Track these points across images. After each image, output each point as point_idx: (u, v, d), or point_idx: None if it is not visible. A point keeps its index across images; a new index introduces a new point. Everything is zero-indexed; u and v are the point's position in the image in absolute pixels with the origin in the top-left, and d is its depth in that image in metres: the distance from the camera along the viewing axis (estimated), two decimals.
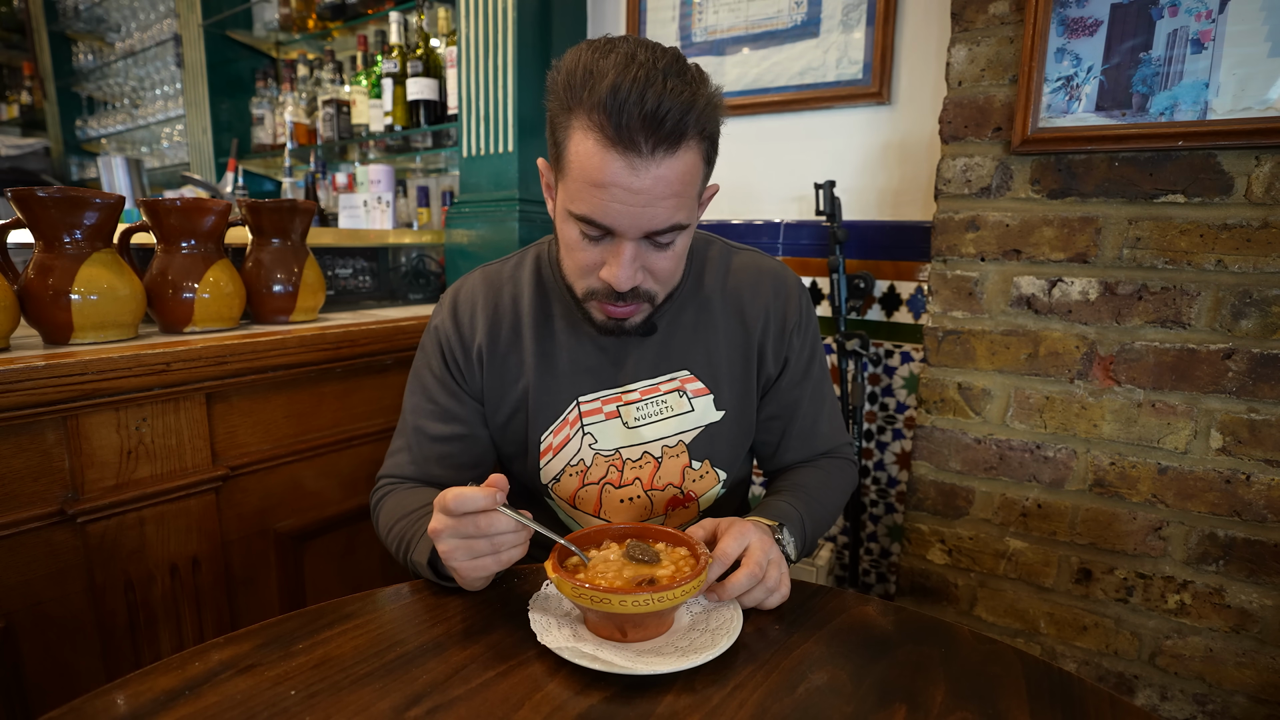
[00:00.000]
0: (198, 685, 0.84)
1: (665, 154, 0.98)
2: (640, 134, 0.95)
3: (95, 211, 1.40)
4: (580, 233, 1.07)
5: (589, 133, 0.98)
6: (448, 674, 0.87)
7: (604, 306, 1.13)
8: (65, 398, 1.25)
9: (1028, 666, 0.91)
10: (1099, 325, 1.71)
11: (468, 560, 0.95)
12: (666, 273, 1.12)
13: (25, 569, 1.27)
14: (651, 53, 0.98)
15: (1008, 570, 1.90)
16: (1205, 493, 1.65)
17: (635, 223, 1.02)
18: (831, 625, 1.00)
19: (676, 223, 1.04)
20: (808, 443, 1.37)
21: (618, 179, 0.98)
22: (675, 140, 0.98)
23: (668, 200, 1.01)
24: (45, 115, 4.74)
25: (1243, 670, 1.66)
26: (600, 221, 1.02)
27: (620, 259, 1.05)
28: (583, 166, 1.00)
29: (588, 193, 1.01)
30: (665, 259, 1.10)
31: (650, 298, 1.14)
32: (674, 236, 1.07)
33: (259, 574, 1.64)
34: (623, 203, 1.00)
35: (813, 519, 1.22)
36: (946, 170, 1.86)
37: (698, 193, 1.09)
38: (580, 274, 1.13)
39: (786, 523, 1.15)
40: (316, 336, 1.65)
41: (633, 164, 0.97)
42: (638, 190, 0.99)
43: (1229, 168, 1.56)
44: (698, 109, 0.98)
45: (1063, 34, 1.66)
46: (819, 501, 1.27)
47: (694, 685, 0.85)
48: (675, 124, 0.96)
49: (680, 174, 1.01)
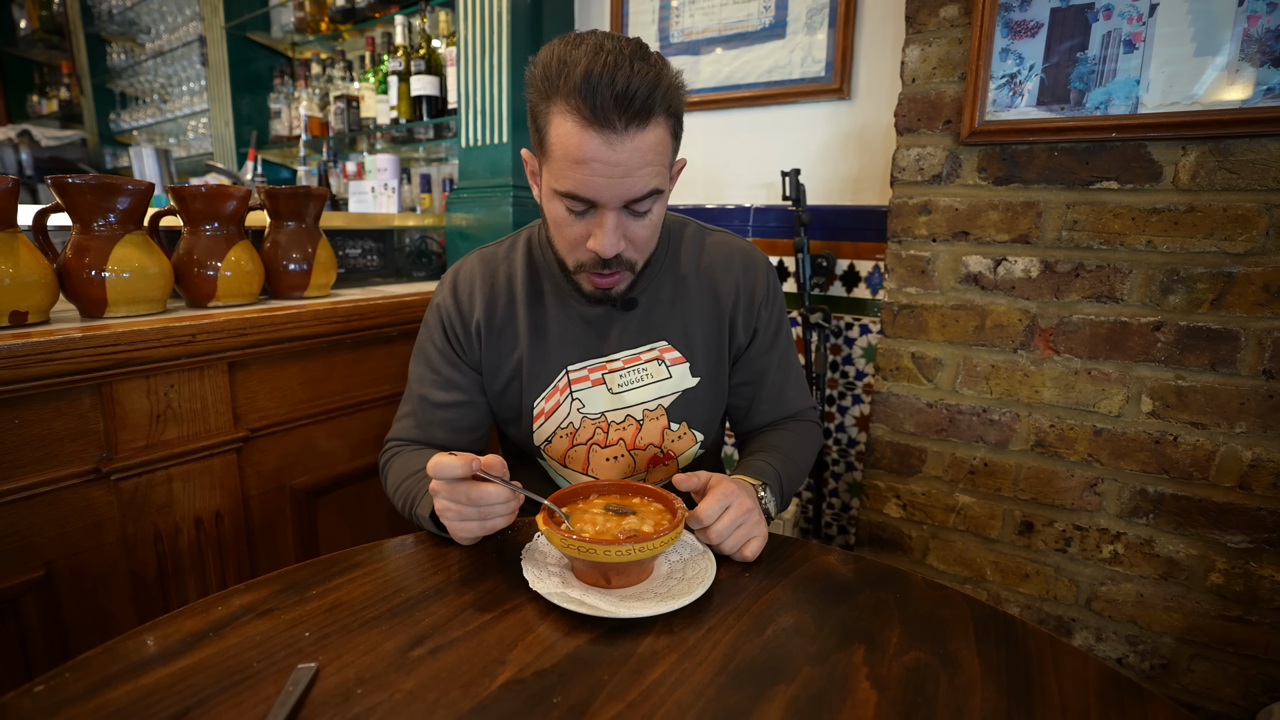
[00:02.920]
0: (221, 627, 0.83)
1: (637, 129, 0.99)
2: (614, 112, 0.96)
3: (127, 197, 1.39)
4: (566, 209, 1.07)
5: (567, 115, 0.99)
6: (448, 617, 0.86)
7: (591, 278, 1.13)
8: (100, 366, 1.24)
9: (975, 610, 0.91)
10: (1040, 300, 1.71)
11: (456, 521, 0.97)
12: (644, 240, 1.12)
13: (64, 522, 1.26)
14: (617, 42, 0.99)
15: (957, 523, 1.90)
16: (1137, 452, 1.65)
17: (615, 193, 1.02)
18: (797, 573, 1.00)
19: (653, 189, 1.05)
20: (776, 406, 1.38)
21: (597, 154, 0.99)
22: (645, 116, 0.99)
23: (643, 170, 1.02)
24: (82, 110, 4.68)
25: (1170, 614, 1.67)
26: (583, 195, 1.03)
27: (604, 228, 1.06)
28: (564, 146, 1.00)
29: (570, 170, 1.01)
30: (643, 227, 1.10)
31: (631, 265, 1.14)
32: (651, 204, 1.08)
33: (276, 526, 1.63)
34: (603, 176, 1.00)
35: (788, 477, 1.24)
36: (901, 159, 1.84)
37: (669, 163, 1.10)
38: (570, 248, 1.12)
39: (768, 481, 1.16)
40: (329, 310, 1.63)
41: (609, 140, 0.98)
42: (615, 163, 0.99)
43: (1158, 157, 1.55)
44: (662, 87, 0.99)
45: (1007, 35, 1.65)
46: (792, 461, 1.27)
47: (672, 628, 0.85)
48: (644, 101, 0.97)
49: (652, 145, 1.01)
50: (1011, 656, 0.82)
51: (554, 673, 0.76)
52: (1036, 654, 0.82)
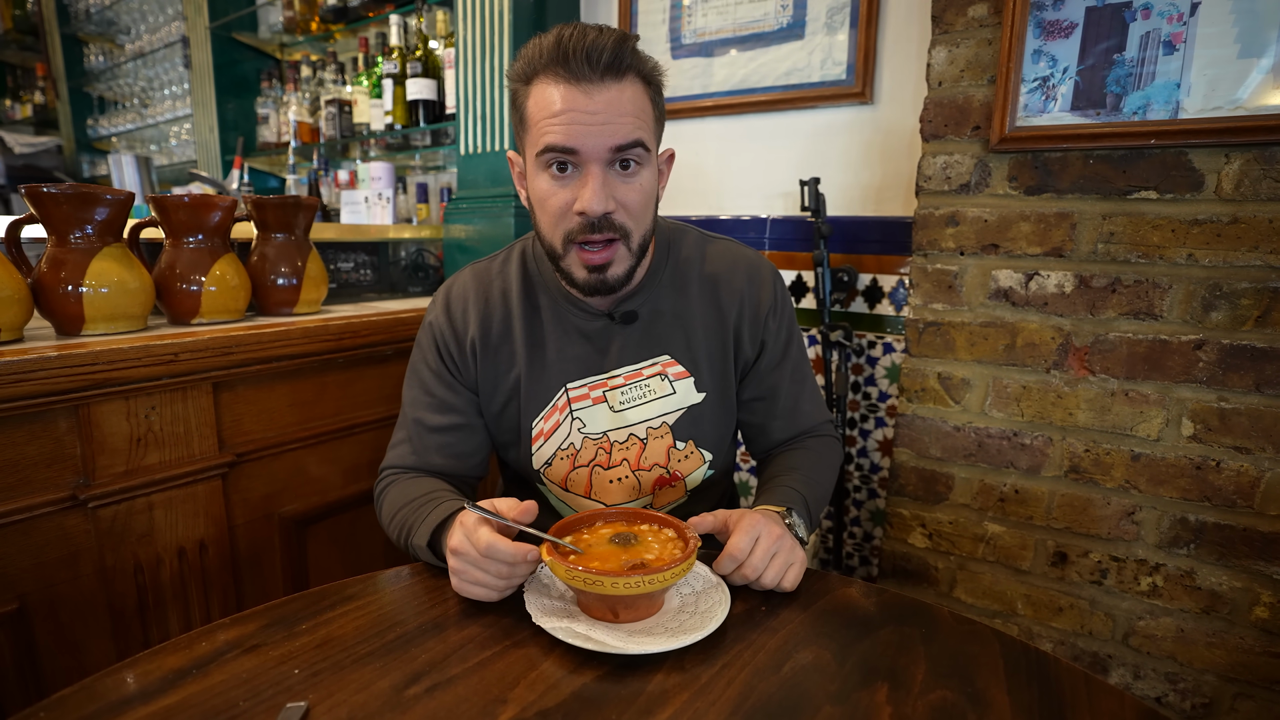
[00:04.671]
0: (205, 664, 0.84)
1: (613, 80, 1.06)
2: (585, 65, 1.04)
3: (106, 207, 1.40)
4: (550, 177, 1.10)
5: (545, 82, 1.07)
6: (446, 653, 0.87)
7: (582, 254, 1.14)
8: (77, 387, 1.25)
9: (1005, 646, 0.91)
10: (1074, 317, 1.71)
11: (473, 585, 0.98)
12: (636, 205, 1.13)
13: (39, 552, 1.26)
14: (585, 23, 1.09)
15: (986, 554, 1.90)
16: (1177, 479, 1.65)
17: (598, 140, 1.06)
18: (816, 606, 1.00)
19: (637, 138, 1.08)
20: (792, 421, 1.39)
21: (575, 103, 1.05)
22: (618, 70, 1.06)
23: (625, 119, 1.07)
24: (58, 114, 4.72)
25: (1213, 650, 1.66)
26: (564, 144, 1.06)
27: (590, 184, 1.08)
28: (543, 106, 1.08)
29: (550, 125, 1.07)
30: (632, 190, 1.12)
31: (624, 232, 1.14)
32: (637, 163, 1.11)
33: (264, 557, 1.63)
34: (582, 123, 1.05)
35: (814, 498, 1.25)
36: (927, 167, 1.85)
37: (652, 126, 1.14)
38: (556, 220, 1.13)
39: (794, 506, 1.17)
40: (319, 328, 1.64)
41: (585, 89, 1.05)
42: (594, 110, 1.05)
43: (1200, 165, 1.55)
44: (631, 45, 1.07)
45: (1039, 36, 1.65)
46: (815, 480, 1.28)
47: (684, 664, 0.85)
48: (615, 55, 1.05)
49: (630, 99, 1.08)
50: (1044, 695, 0.82)
51: (558, 712, 0.77)
52: (1070, 693, 0.82)
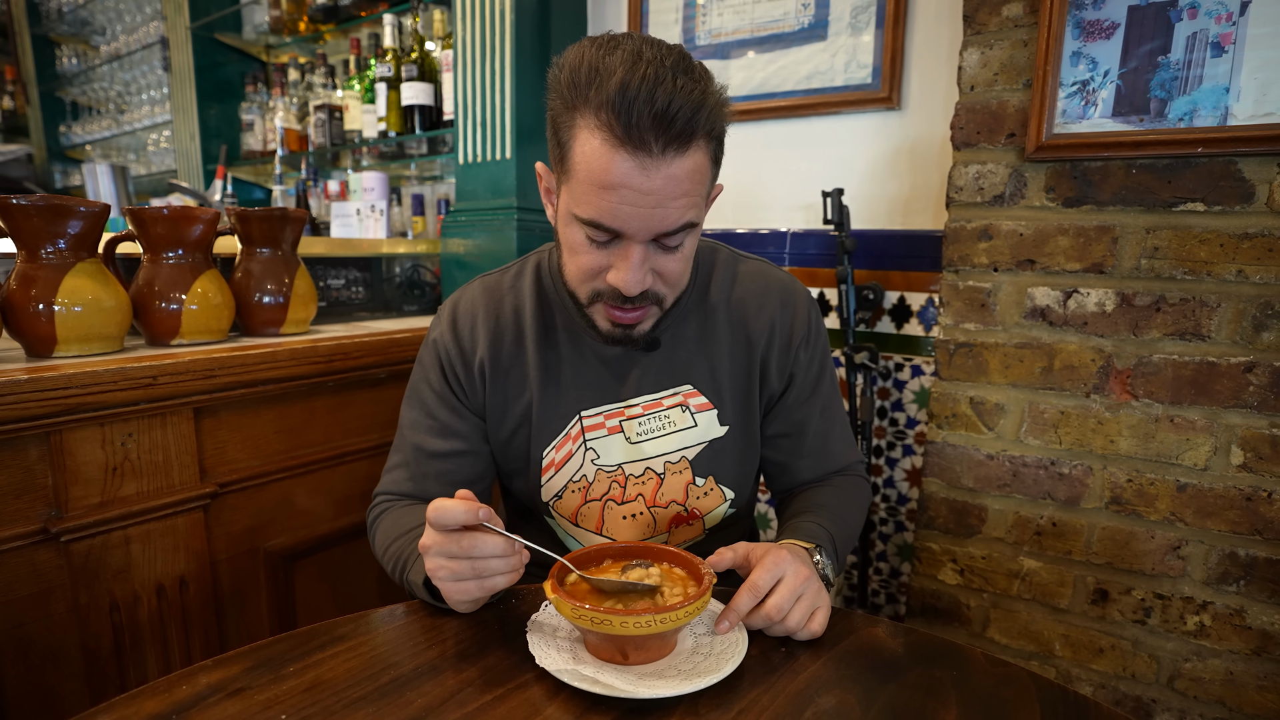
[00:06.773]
0: (185, 710, 0.84)
1: (675, 154, 0.98)
2: (650, 133, 0.95)
3: (79, 220, 1.41)
4: (586, 237, 1.06)
5: (596, 132, 0.98)
6: (443, 698, 0.87)
7: (610, 311, 1.12)
8: (48, 412, 1.26)
9: (1042, 690, 0.91)
10: (1116, 338, 1.72)
11: (451, 582, 0.95)
12: (675, 275, 1.12)
13: (6, 590, 1.27)
14: (658, 50, 0.98)
15: (1021, 590, 1.90)
16: (1226, 510, 1.65)
17: (646, 224, 1.02)
18: (839, 647, 1.00)
19: (687, 221, 1.04)
20: (820, 461, 1.37)
21: (628, 180, 0.98)
22: (686, 140, 0.98)
23: (679, 200, 1.01)
24: (28, 121, 4.76)
25: (1264, 694, 1.65)
26: (609, 225, 1.02)
27: (629, 262, 1.05)
28: (590, 168, 0.99)
29: (596, 195, 1.00)
30: (674, 261, 1.09)
31: (659, 300, 1.13)
32: (683, 237, 1.07)
33: (249, 594, 1.64)
34: (633, 205, 0.99)
35: (842, 539, 1.23)
36: (958, 178, 1.86)
37: (706, 192, 1.09)
38: (584, 278, 1.12)
39: (821, 543, 1.15)
40: (308, 349, 1.65)
41: (643, 164, 0.97)
42: (648, 191, 0.98)
43: (1250, 175, 1.56)
44: (708, 108, 0.98)
45: (1078, 37, 1.66)
46: (843, 521, 1.26)
47: (698, 709, 0.85)
48: (686, 123, 0.96)
49: (690, 173, 1.01)
50: None
51: None
52: None
